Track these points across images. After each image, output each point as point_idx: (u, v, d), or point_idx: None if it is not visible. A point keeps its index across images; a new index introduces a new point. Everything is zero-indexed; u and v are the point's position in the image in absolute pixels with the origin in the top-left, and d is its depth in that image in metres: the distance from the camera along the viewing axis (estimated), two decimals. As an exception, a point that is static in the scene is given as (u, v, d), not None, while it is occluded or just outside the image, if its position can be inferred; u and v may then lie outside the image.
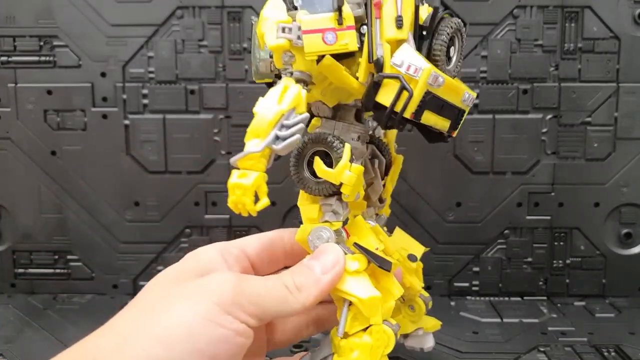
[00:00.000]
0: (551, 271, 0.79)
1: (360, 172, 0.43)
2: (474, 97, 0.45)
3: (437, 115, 0.42)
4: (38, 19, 0.76)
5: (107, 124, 0.77)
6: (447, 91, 0.42)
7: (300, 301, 0.39)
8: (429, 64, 0.40)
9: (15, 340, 0.66)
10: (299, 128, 0.39)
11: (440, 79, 0.40)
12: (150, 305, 0.37)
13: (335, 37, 0.40)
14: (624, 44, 0.75)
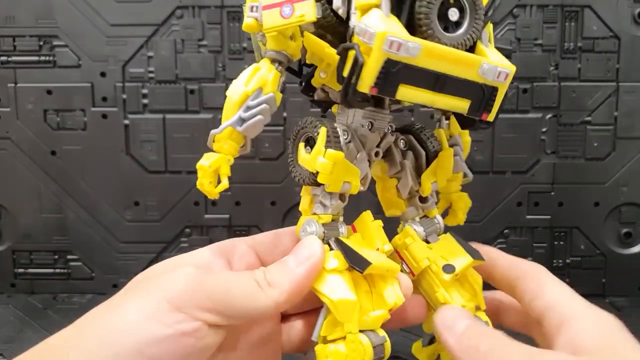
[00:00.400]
0: (551, 270, 0.78)
1: (337, 159, 0.38)
2: (508, 70, 0.37)
3: (432, 92, 0.36)
4: (38, 18, 0.76)
5: (107, 123, 0.77)
6: (439, 61, 0.35)
7: (272, 297, 0.35)
8: (386, 27, 0.33)
9: (15, 340, 0.66)
10: (261, 109, 0.39)
11: (407, 45, 0.33)
12: (110, 304, 0.35)
13: (292, 9, 0.37)
14: (624, 43, 0.75)
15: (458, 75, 0.36)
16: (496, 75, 0.37)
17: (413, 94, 0.35)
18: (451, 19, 0.36)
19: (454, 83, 0.36)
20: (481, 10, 0.37)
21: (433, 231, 0.44)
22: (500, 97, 0.38)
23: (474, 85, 0.37)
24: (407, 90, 0.35)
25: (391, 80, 0.34)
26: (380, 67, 0.34)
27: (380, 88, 0.34)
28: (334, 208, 0.40)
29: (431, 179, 0.44)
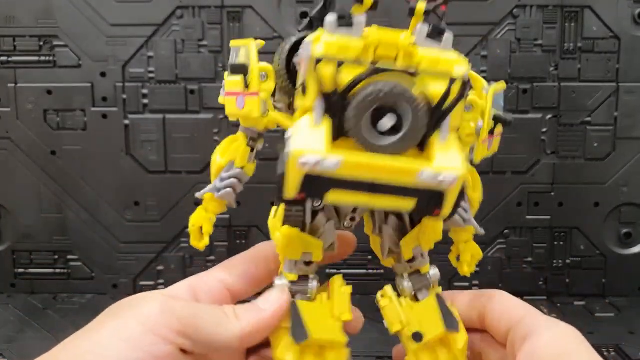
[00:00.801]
0: (551, 271, 0.79)
1: (290, 236, 0.39)
2: (454, 176, 0.33)
3: (368, 194, 0.34)
4: (38, 19, 0.76)
5: (107, 124, 0.77)
6: (366, 171, 0.33)
7: (237, 326, 0.37)
8: (300, 144, 0.32)
9: (15, 340, 0.66)
10: (229, 183, 0.43)
11: (324, 162, 0.32)
12: (88, 328, 0.36)
13: (243, 103, 0.39)
14: (624, 43, 0.75)
15: (393, 182, 0.33)
16: (439, 182, 0.33)
17: (346, 197, 0.34)
18: (386, 127, 0.33)
19: (391, 186, 0.33)
20: (422, 116, 0.33)
21: (423, 287, 0.43)
22: (451, 197, 0.34)
23: (404, 188, 0.33)
24: (339, 195, 0.34)
25: (317, 188, 0.33)
26: (300, 180, 0.33)
27: (307, 194, 0.34)
28: (297, 270, 0.41)
29: (412, 245, 0.42)
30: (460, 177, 0.33)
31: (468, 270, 0.48)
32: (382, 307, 0.43)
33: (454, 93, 0.34)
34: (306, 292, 0.41)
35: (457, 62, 0.35)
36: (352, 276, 0.79)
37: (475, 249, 0.47)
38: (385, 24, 0.37)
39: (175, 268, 0.80)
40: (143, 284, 0.80)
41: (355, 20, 0.35)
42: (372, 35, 0.35)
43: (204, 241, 0.45)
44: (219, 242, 0.79)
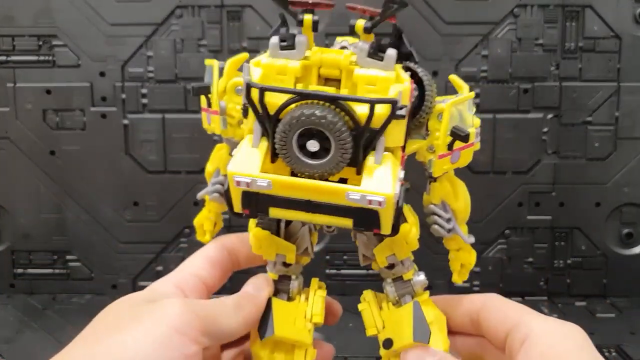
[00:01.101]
0: (552, 271, 0.79)
1: (262, 237, 0.41)
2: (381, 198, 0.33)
3: (306, 213, 0.35)
4: (37, 18, 0.76)
5: (106, 123, 0.77)
6: (298, 191, 0.35)
7: (243, 315, 0.39)
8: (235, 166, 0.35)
9: (15, 340, 0.66)
10: (215, 188, 0.47)
11: (256, 182, 0.34)
12: (102, 331, 0.36)
13: (210, 120, 0.43)
14: (625, 43, 0.74)
15: (325, 201, 0.35)
16: (367, 202, 0.34)
17: (288, 214, 0.36)
18: (310, 150, 0.35)
19: (326, 206, 0.35)
20: (345, 142, 0.34)
21: (406, 293, 0.43)
22: (386, 217, 0.35)
23: (349, 207, 0.34)
24: (280, 212, 0.36)
25: (258, 205, 0.36)
26: (241, 197, 0.35)
27: (250, 211, 0.36)
28: (277, 271, 0.43)
29: (385, 253, 0.42)
30: (388, 200, 0.33)
31: (458, 279, 0.47)
32: (361, 311, 0.44)
33: (384, 114, 0.34)
34: (287, 290, 0.43)
35: (395, 81, 0.35)
36: (352, 277, 0.79)
37: (466, 257, 0.47)
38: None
39: (175, 268, 0.79)
40: (142, 284, 0.80)
41: (297, 42, 0.36)
42: (315, 56, 0.36)
43: (206, 237, 0.49)
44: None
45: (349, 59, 0.36)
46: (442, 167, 0.41)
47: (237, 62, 0.43)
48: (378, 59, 0.35)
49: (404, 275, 0.43)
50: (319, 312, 0.43)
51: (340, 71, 0.36)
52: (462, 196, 0.45)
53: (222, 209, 0.48)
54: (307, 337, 0.42)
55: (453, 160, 0.41)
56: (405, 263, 0.43)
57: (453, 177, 0.45)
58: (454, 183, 0.45)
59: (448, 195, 0.44)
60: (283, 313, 0.42)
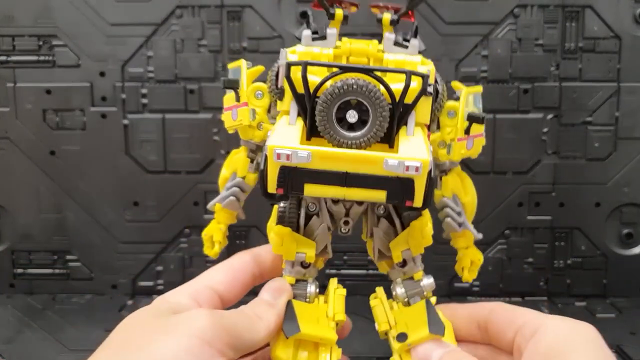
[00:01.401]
0: (552, 271, 0.78)
1: (283, 235, 0.42)
2: (418, 163, 0.35)
3: (340, 187, 0.37)
4: (37, 18, 0.76)
5: (106, 123, 0.77)
6: (336, 162, 0.36)
7: (264, 326, 0.39)
8: (275, 140, 0.37)
9: (14, 340, 0.66)
10: (232, 192, 0.48)
11: (297, 154, 0.35)
12: (128, 343, 0.35)
13: (237, 114, 0.44)
14: (625, 43, 0.74)
15: (362, 172, 0.36)
16: (404, 169, 0.35)
17: (321, 190, 0.37)
18: (349, 121, 0.37)
19: (362, 178, 0.36)
20: (383, 108, 0.36)
21: (416, 294, 0.44)
22: (420, 186, 0.36)
23: (385, 177, 0.36)
24: (315, 188, 0.37)
25: (294, 181, 0.37)
26: (277, 174, 0.37)
27: (285, 189, 0.37)
28: (295, 273, 0.44)
29: (402, 247, 0.43)
30: (424, 165, 0.35)
31: (469, 277, 0.49)
32: (373, 307, 0.45)
33: (416, 89, 0.37)
34: (304, 295, 0.44)
35: (421, 64, 0.39)
36: (352, 277, 0.79)
37: (475, 254, 0.49)
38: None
39: (175, 268, 0.80)
40: (142, 284, 0.80)
41: (328, 33, 0.39)
42: (344, 46, 0.39)
43: (215, 249, 0.50)
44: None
45: (377, 47, 0.39)
46: (460, 152, 0.43)
47: (254, 73, 0.46)
48: (404, 47, 0.39)
49: (415, 275, 0.44)
50: (341, 310, 0.43)
51: (368, 59, 0.39)
52: (470, 190, 0.47)
53: (232, 220, 0.50)
54: (332, 334, 0.42)
55: (468, 147, 0.44)
56: (417, 261, 0.44)
57: (461, 172, 0.47)
58: (462, 177, 0.47)
59: (458, 189, 0.46)
60: (306, 313, 0.42)
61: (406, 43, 0.39)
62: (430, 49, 0.74)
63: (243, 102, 0.44)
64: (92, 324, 0.70)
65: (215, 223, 0.50)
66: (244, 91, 0.44)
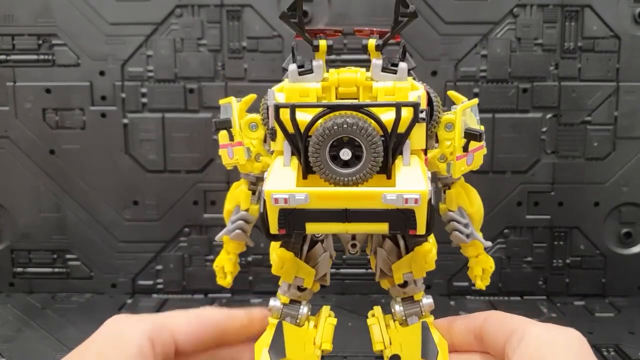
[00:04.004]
0: (551, 270, 0.79)
1: (285, 258, 0.42)
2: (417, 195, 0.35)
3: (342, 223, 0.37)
4: (37, 17, 0.76)
5: (105, 122, 0.77)
6: (334, 201, 0.36)
7: None
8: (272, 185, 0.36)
9: (14, 339, 0.66)
10: (237, 225, 0.48)
11: (294, 196, 0.36)
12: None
13: (232, 153, 0.44)
14: (624, 43, 0.74)
15: (362, 208, 0.36)
16: (404, 202, 0.35)
17: (323, 227, 0.38)
18: (343, 159, 0.36)
19: (362, 213, 0.36)
20: (376, 143, 0.36)
21: (414, 314, 0.44)
22: (421, 215, 0.36)
23: (386, 210, 0.36)
24: (316, 226, 0.37)
25: (295, 222, 0.37)
26: (277, 216, 0.37)
27: (287, 229, 0.37)
28: (290, 294, 0.44)
29: (403, 270, 0.43)
30: (423, 196, 0.35)
31: (482, 284, 0.50)
32: (369, 326, 0.45)
33: (407, 118, 0.36)
34: (295, 316, 0.44)
35: (411, 89, 0.38)
36: (351, 276, 0.79)
37: (486, 262, 0.49)
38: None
39: (174, 267, 0.80)
40: (142, 283, 0.80)
41: (314, 65, 0.39)
42: (332, 77, 0.38)
43: (227, 279, 0.50)
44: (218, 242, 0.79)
45: (365, 76, 0.39)
46: (461, 169, 0.42)
47: (246, 103, 0.46)
48: (392, 72, 0.38)
49: (415, 296, 0.44)
50: (328, 339, 0.44)
51: (357, 88, 0.39)
52: (476, 201, 0.46)
53: (241, 249, 0.50)
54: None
55: (469, 162, 0.43)
56: (418, 283, 0.44)
57: (465, 184, 0.46)
58: (466, 189, 0.46)
59: (463, 201, 0.46)
60: (294, 337, 0.43)
61: (394, 68, 0.38)
62: (429, 48, 0.75)
63: (237, 142, 0.44)
64: (91, 322, 0.69)
65: (225, 254, 0.50)
66: (237, 130, 0.44)
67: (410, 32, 0.74)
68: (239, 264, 0.52)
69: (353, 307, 0.65)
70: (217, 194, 0.78)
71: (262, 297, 0.79)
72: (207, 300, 0.78)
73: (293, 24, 0.38)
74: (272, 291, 0.83)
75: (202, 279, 0.80)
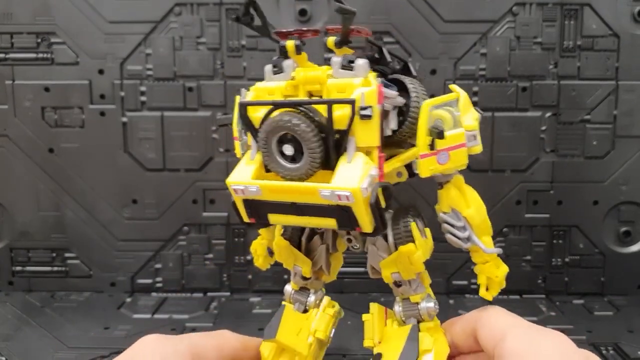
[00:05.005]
0: (550, 269, 0.79)
1: (280, 246, 0.45)
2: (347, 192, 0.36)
3: (297, 216, 0.39)
4: (36, 15, 0.76)
5: (105, 121, 0.77)
6: (283, 194, 0.38)
7: None
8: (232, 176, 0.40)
9: (13, 338, 0.66)
10: None
11: (248, 188, 0.39)
12: None
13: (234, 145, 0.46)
14: (623, 41, 0.74)
15: (307, 202, 0.38)
16: (337, 198, 0.36)
17: (284, 219, 0.40)
18: (286, 154, 0.38)
19: (310, 207, 0.38)
20: (311, 142, 0.37)
21: (412, 316, 0.44)
22: (360, 213, 0.37)
23: (329, 206, 0.37)
24: (278, 217, 0.40)
25: (259, 212, 0.40)
26: (243, 206, 0.40)
27: (255, 219, 0.41)
28: (296, 282, 0.47)
29: (390, 269, 0.43)
30: (354, 194, 0.36)
31: (486, 294, 0.45)
32: (364, 322, 0.46)
33: (345, 116, 0.37)
34: (304, 303, 0.47)
35: (361, 85, 0.38)
36: (351, 274, 0.79)
37: (491, 270, 0.45)
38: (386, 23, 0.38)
39: (173, 266, 0.80)
40: (141, 282, 0.80)
41: (284, 65, 0.40)
42: (299, 75, 0.40)
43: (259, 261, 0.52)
44: (217, 240, 0.79)
45: (326, 73, 0.39)
46: (428, 168, 0.41)
47: None
48: (349, 69, 0.39)
49: (411, 298, 0.44)
50: (322, 328, 0.45)
51: (320, 86, 0.40)
52: (473, 203, 0.43)
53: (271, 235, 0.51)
54: (304, 349, 0.44)
55: (441, 161, 0.41)
56: (412, 284, 0.43)
57: (461, 184, 0.44)
58: (462, 190, 0.44)
59: (456, 202, 0.43)
60: (291, 321, 0.45)
61: (352, 64, 0.38)
62: (429, 47, 0.75)
63: (234, 137, 0.45)
64: (90, 321, 0.70)
65: (259, 239, 0.52)
66: (234, 127, 0.45)
67: (410, 30, 0.75)
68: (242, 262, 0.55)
69: (352, 306, 0.65)
70: (216, 193, 0.78)
71: (261, 296, 0.79)
72: (206, 299, 0.78)
73: (254, 27, 0.40)
74: (271, 290, 0.83)
75: (201, 278, 0.80)
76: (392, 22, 0.74)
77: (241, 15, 0.39)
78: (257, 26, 0.40)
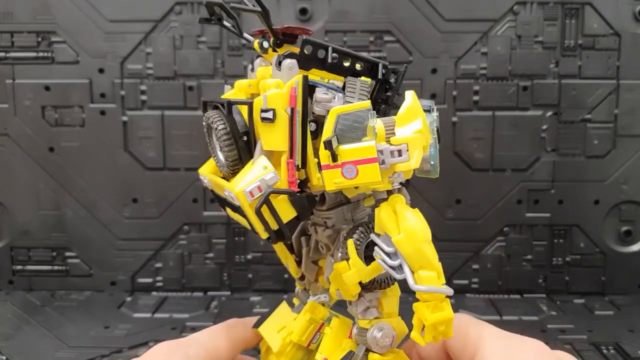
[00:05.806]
0: (551, 269, 0.79)
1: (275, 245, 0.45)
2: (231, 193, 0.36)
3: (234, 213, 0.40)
4: (36, 14, 0.76)
5: (105, 120, 0.77)
6: (219, 190, 0.40)
7: None
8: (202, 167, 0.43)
9: (14, 337, 0.66)
10: None
11: (204, 180, 0.42)
12: None
13: None
14: (624, 40, 0.74)
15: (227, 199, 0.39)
16: (231, 198, 0.37)
17: (231, 214, 0.40)
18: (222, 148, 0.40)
19: (233, 204, 0.38)
20: (221, 141, 0.38)
21: (361, 342, 0.40)
22: (250, 215, 0.37)
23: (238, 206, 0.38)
24: (229, 211, 0.41)
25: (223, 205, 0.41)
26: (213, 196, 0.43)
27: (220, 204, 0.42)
28: (297, 282, 0.48)
29: (334, 284, 0.39)
30: (236, 195, 0.36)
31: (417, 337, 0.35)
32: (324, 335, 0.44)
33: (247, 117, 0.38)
34: (305, 302, 0.46)
35: (274, 86, 0.37)
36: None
37: (422, 312, 0.35)
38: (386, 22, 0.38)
39: (174, 265, 0.80)
40: (141, 281, 0.80)
41: (254, 64, 0.42)
42: (258, 74, 0.41)
43: None
44: (218, 240, 0.79)
45: (269, 73, 0.39)
46: (332, 181, 0.35)
47: None
48: (278, 70, 0.38)
49: (359, 322, 0.39)
50: (296, 331, 0.44)
51: None
52: (405, 229, 0.35)
53: None
54: (274, 345, 0.45)
55: (347, 175, 0.35)
56: (358, 306, 0.39)
57: (398, 206, 0.37)
58: (397, 211, 0.36)
59: (385, 225, 0.36)
60: (279, 318, 0.45)
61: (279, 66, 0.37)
62: (429, 46, 0.75)
63: None
64: (91, 320, 0.70)
65: None
66: None
67: (411, 29, 0.74)
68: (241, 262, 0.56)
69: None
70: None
71: (261, 295, 0.79)
72: (206, 298, 0.78)
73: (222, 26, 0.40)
74: (271, 289, 0.84)
75: (202, 277, 0.79)
76: (393, 21, 0.74)
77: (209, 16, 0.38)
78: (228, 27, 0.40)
